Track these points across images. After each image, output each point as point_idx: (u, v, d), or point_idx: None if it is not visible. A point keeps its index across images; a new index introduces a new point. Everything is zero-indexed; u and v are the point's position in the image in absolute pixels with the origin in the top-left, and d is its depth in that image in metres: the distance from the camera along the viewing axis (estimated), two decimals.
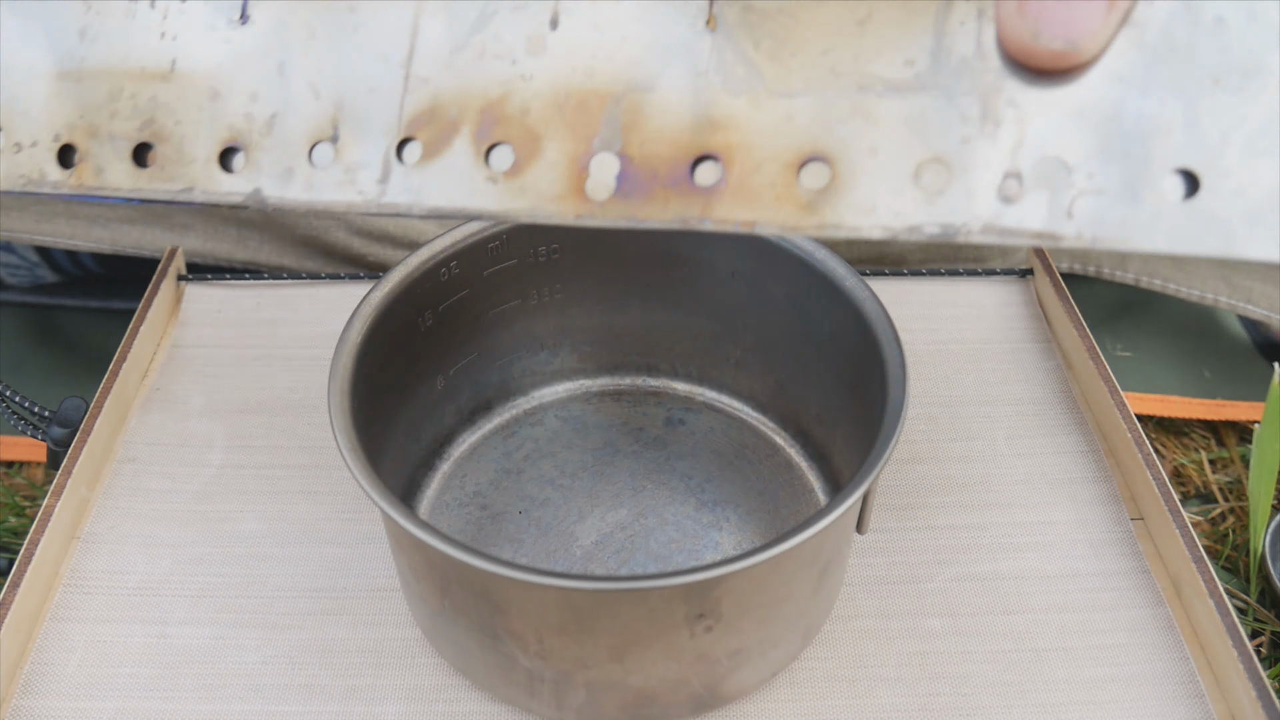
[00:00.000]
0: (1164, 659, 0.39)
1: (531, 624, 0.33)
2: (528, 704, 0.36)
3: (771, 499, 0.43)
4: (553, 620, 0.32)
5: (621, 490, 0.44)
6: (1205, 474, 0.56)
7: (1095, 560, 0.42)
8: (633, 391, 0.48)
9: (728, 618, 0.33)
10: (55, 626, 0.40)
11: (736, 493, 0.44)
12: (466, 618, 0.34)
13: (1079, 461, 0.46)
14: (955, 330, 0.52)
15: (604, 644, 0.33)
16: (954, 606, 0.41)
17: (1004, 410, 0.48)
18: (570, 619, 0.32)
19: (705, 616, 0.32)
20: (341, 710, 0.37)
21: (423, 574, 0.35)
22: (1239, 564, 0.51)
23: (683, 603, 0.32)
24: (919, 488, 0.45)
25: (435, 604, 0.35)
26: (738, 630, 0.34)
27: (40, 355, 0.62)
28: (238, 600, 0.41)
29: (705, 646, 0.34)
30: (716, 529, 0.42)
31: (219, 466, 0.45)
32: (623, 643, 0.33)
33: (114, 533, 0.43)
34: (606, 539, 0.42)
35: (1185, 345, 0.62)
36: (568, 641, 0.33)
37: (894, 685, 0.38)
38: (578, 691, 0.35)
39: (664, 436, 0.46)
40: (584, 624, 0.32)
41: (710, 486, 0.44)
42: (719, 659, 0.34)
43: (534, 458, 0.45)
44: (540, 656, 0.34)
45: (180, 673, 0.38)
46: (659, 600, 0.31)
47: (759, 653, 0.36)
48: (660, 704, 0.36)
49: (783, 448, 0.45)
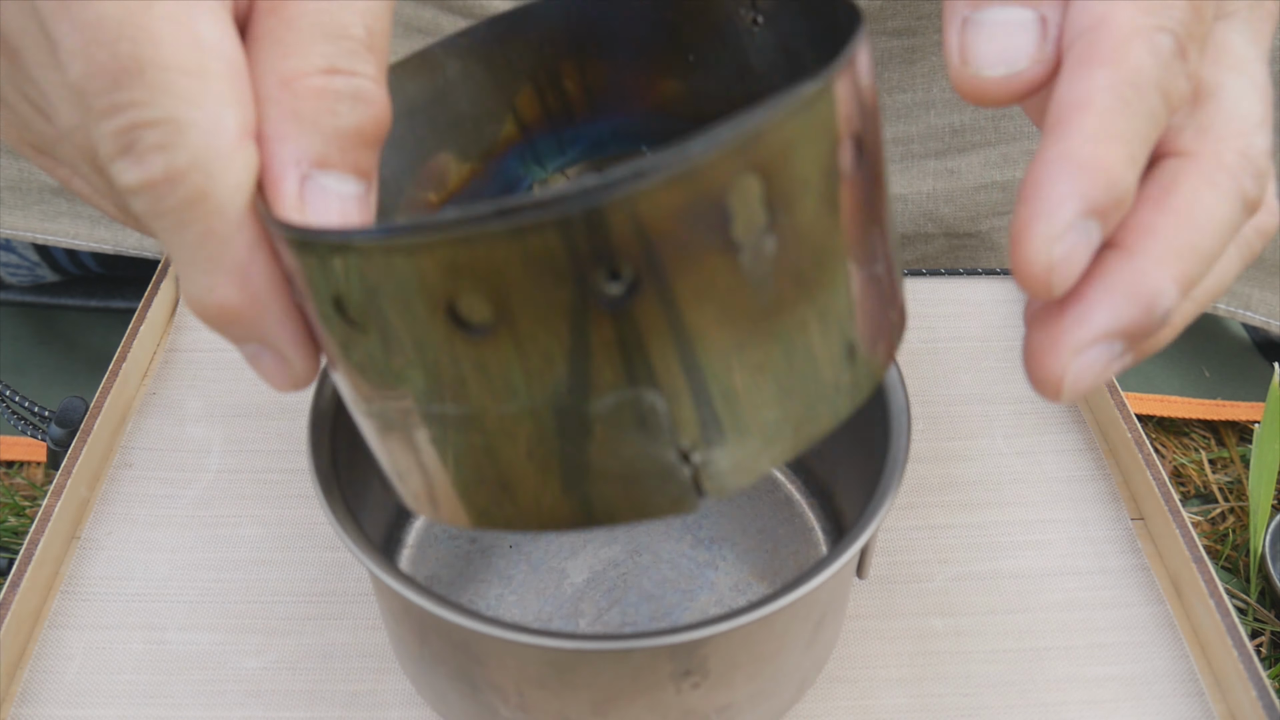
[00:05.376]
0: (1164, 657, 0.39)
1: (511, 677, 0.31)
2: None
3: (770, 537, 0.42)
4: (532, 674, 0.31)
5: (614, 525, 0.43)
6: (1205, 474, 0.56)
7: (1095, 558, 0.42)
8: None
9: (716, 674, 0.31)
10: (54, 633, 0.40)
11: (734, 530, 0.42)
12: (445, 665, 0.33)
13: (1078, 460, 0.46)
14: (953, 328, 0.52)
15: (586, 699, 0.31)
16: (954, 606, 0.41)
17: (1003, 409, 0.48)
18: (551, 674, 0.31)
19: (692, 674, 0.31)
20: (343, 716, 0.37)
21: (401, 619, 0.34)
22: (1239, 564, 0.51)
23: (668, 661, 0.30)
24: (918, 487, 0.45)
25: (415, 649, 0.34)
26: (727, 686, 0.32)
27: (40, 355, 0.62)
28: (237, 605, 0.40)
29: (692, 703, 0.32)
30: (712, 568, 0.41)
31: (216, 471, 0.45)
32: (605, 698, 0.31)
33: (112, 538, 0.43)
34: (599, 576, 0.41)
35: (1185, 345, 0.62)
36: (548, 695, 0.31)
37: (894, 685, 0.38)
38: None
39: None
40: (565, 679, 0.31)
41: (707, 523, 0.43)
42: (707, 715, 0.33)
43: None
44: (521, 709, 0.32)
45: (180, 679, 0.38)
46: (642, 659, 0.30)
47: (749, 707, 0.34)
48: None
49: (783, 484, 0.44)
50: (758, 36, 0.32)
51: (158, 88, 0.22)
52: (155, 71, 0.22)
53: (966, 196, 0.56)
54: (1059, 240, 0.23)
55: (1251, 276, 0.59)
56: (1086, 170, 0.23)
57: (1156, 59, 0.24)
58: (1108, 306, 0.24)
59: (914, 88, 0.54)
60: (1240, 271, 0.28)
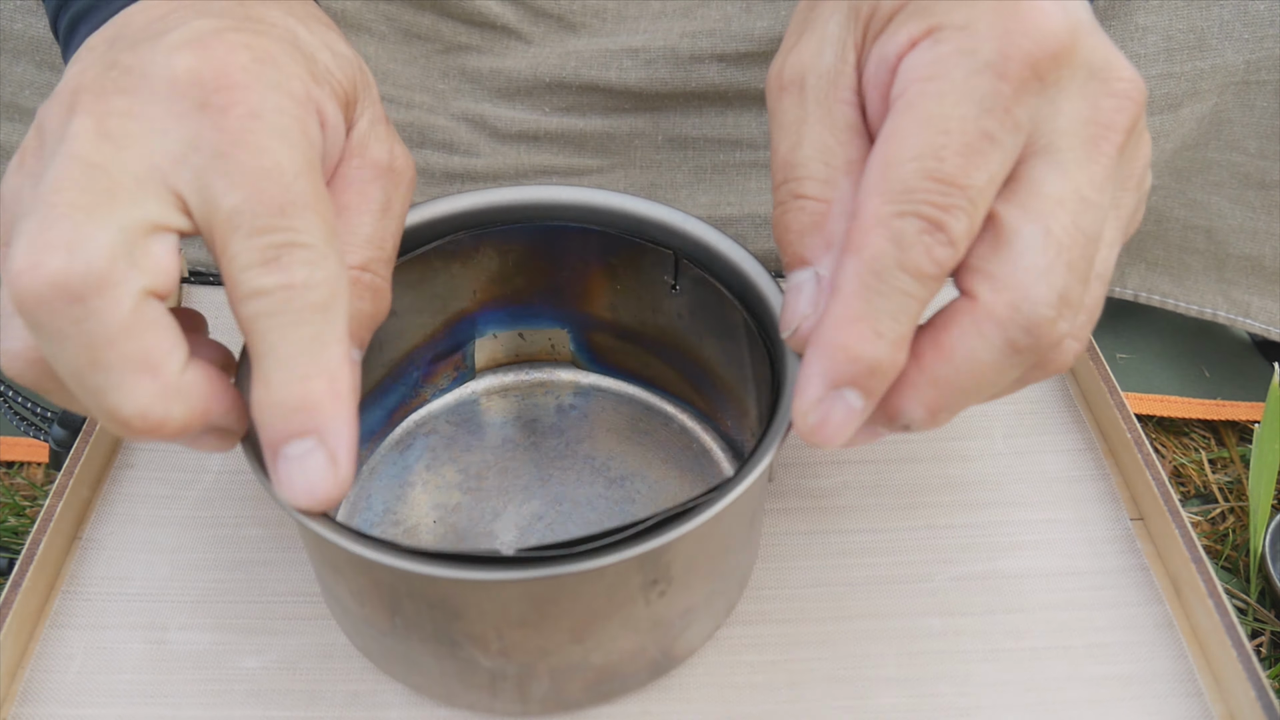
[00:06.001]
0: (1163, 657, 0.39)
1: (491, 623, 0.33)
2: (490, 705, 0.37)
3: (676, 465, 0.44)
4: (513, 614, 0.33)
5: (530, 482, 0.44)
6: (1205, 474, 0.56)
7: (1094, 558, 0.42)
8: (519, 386, 0.48)
9: (679, 579, 0.34)
10: (55, 633, 0.40)
11: (641, 465, 0.45)
12: (420, 631, 0.34)
13: (1077, 460, 0.46)
14: None
15: (565, 628, 0.33)
16: (953, 606, 0.41)
17: (1003, 409, 0.48)
18: (530, 610, 0.32)
19: (659, 582, 0.33)
20: (342, 716, 0.37)
21: (369, 597, 0.34)
22: (1239, 564, 0.51)
23: (638, 572, 0.33)
24: (918, 487, 0.45)
25: (384, 625, 0.35)
26: (687, 589, 0.35)
27: None
28: (237, 606, 0.41)
29: (660, 611, 0.35)
30: (630, 502, 0.43)
31: (217, 472, 0.45)
32: (582, 623, 0.33)
33: (113, 539, 0.43)
34: (527, 531, 0.42)
35: (1185, 345, 0.62)
36: (529, 633, 0.33)
37: (894, 684, 0.38)
38: (541, 681, 0.35)
39: (559, 424, 0.46)
40: (544, 611, 0.33)
41: (614, 463, 0.45)
42: (672, 621, 0.36)
43: (435, 466, 0.45)
44: (502, 654, 0.34)
45: (180, 679, 0.38)
46: (615, 575, 0.32)
47: (705, 608, 0.37)
48: (620, 676, 0.36)
49: (676, 415, 0.46)
50: (674, 297, 0.43)
51: (312, 225, 0.29)
52: (312, 214, 0.29)
53: None
54: (811, 412, 0.30)
55: (1251, 284, 0.59)
56: (828, 352, 0.29)
57: (898, 244, 0.28)
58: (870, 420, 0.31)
59: None
60: (1121, 242, 0.32)
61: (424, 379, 0.46)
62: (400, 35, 0.54)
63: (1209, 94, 0.54)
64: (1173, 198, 0.59)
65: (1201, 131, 0.56)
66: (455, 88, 0.55)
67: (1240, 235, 0.58)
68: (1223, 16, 0.52)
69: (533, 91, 0.55)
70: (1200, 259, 0.59)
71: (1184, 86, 0.54)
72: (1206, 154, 0.57)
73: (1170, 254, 0.60)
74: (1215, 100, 0.55)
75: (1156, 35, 0.53)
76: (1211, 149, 0.57)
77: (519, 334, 0.47)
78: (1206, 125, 0.56)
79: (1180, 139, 0.56)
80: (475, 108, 0.55)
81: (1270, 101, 0.54)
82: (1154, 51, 0.53)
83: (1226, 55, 0.53)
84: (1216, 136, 0.56)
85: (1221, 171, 0.57)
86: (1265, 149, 0.56)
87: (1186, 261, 0.60)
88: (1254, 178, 0.57)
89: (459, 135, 0.55)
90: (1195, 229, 0.59)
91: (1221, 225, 0.58)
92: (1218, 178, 0.57)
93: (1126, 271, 0.61)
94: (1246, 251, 0.58)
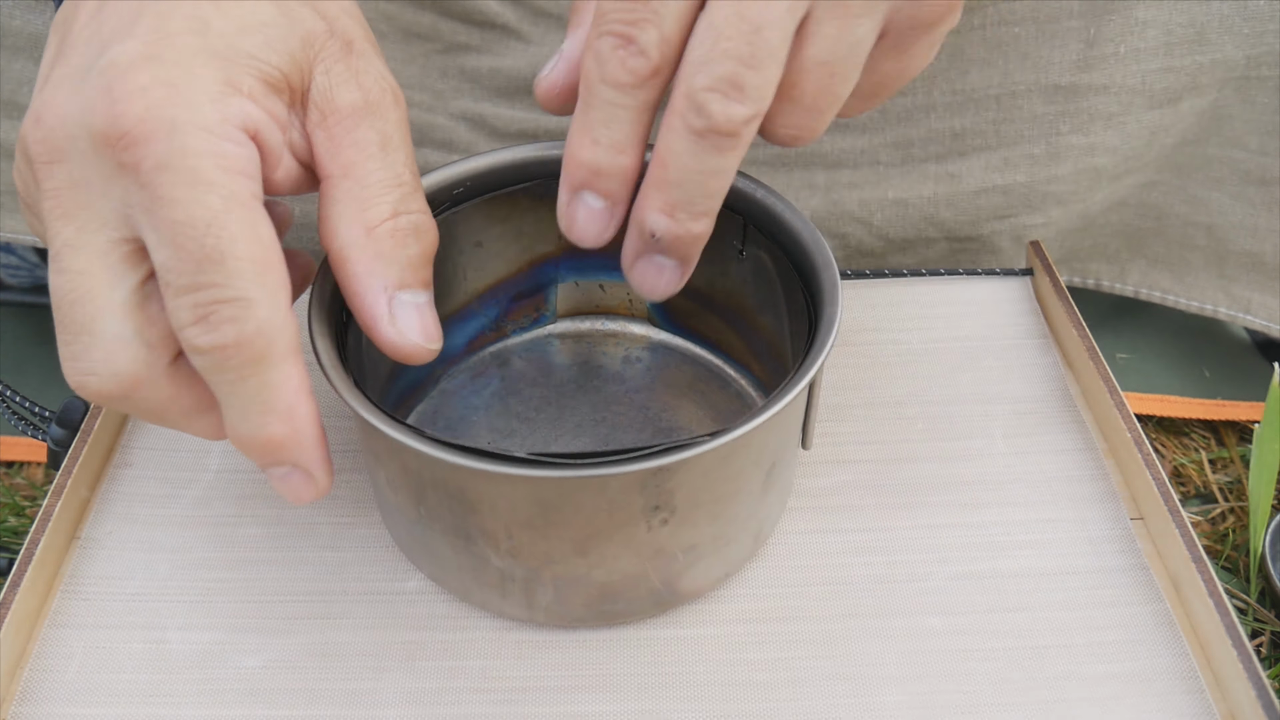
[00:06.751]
0: (1164, 655, 0.39)
1: (502, 521, 0.35)
2: (500, 606, 0.39)
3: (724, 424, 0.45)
4: (521, 515, 0.35)
5: (584, 420, 0.46)
6: (1205, 474, 0.56)
7: (1094, 557, 0.42)
8: (593, 334, 0.50)
9: (681, 511, 0.36)
10: (54, 633, 0.40)
11: (691, 420, 0.46)
12: (441, 522, 0.37)
13: (1077, 460, 0.46)
14: (952, 328, 0.52)
15: (568, 537, 0.35)
16: (953, 605, 0.41)
17: (1001, 409, 0.48)
18: (536, 512, 0.35)
19: (660, 509, 0.35)
20: (341, 715, 0.37)
21: (400, 484, 0.37)
22: (1239, 564, 0.51)
23: (639, 494, 0.34)
24: (918, 486, 0.45)
25: (412, 513, 0.38)
26: (691, 524, 0.36)
27: (40, 355, 0.62)
28: (236, 605, 0.41)
29: (662, 540, 0.36)
30: None
31: (216, 471, 0.45)
32: (585, 535, 0.35)
33: (112, 538, 0.43)
34: None
35: (1185, 345, 0.62)
36: (535, 537, 0.35)
37: (894, 684, 0.38)
38: (546, 589, 0.37)
39: (622, 373, 0.48)
40: (549, 517, 0.35)
41: (666, 415, 0.46)
42: (675, 554, 0.37)
43: (501, 395, 0.47)
44: (511, 554, 0.36)
45: (179, 678, 0.38)
46: (617, 491, 0.34)
47: (712, 550, 0.38)
48: (623, 599, 0.38)
49: (735, 379, 0.48)
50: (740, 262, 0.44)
51: (234, 273, 0.29)
52: (233, 261, 0.29)
53: (967, 200, 0.56)
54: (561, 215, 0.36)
55: (1252, 280, 0.59)
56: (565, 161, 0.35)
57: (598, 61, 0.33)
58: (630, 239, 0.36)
59: (914, 91, 0.54)
60: None
61: (506, 315, 0.49)
62: (400, 34, 0.54)
63: (1209, 88, 0.54)
64: (1173, 194, 0.58)
65: (1202, 127, 0.56)
66: (455, 87, 0.55)
67: (1241, 232, 0.58)
68: (1223, 11, 0.52)
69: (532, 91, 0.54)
70: (1201, 255, 0.59)
71: (1184, 80, 0.54)
72: (1207, 150, 0.57)
73: (1170, 250, 0.60)
74: (1215, 95, 0.55)
75: (1156, 29, 0.53)
76: (1212, 145, 0.57)
77: (600, 285, 0.49)
78: (1207, 121, 0.56)
79: (1180, 134, 0.56)
80: (475, 107, 0.55)
81: (1271, 97, 0.54)
82: (1154, 45, 0.53)
83: (1226, 50, 0.53)
84: (1217, 133, 0.56)
85: (1222, 168, 0.57)
86: (1266, 145, 0.56)
87: (1187, 258, 0.60)
88: (1254, 174, 0.57)
89: (458, 134, 0.55)
90: (1196, 225, 0.59)
91: (1222, 222, 0.58)
92: (1218, 174, 0.57)
93: (1127, 268, 0.61)
94: (1247, 248, 0.58)
